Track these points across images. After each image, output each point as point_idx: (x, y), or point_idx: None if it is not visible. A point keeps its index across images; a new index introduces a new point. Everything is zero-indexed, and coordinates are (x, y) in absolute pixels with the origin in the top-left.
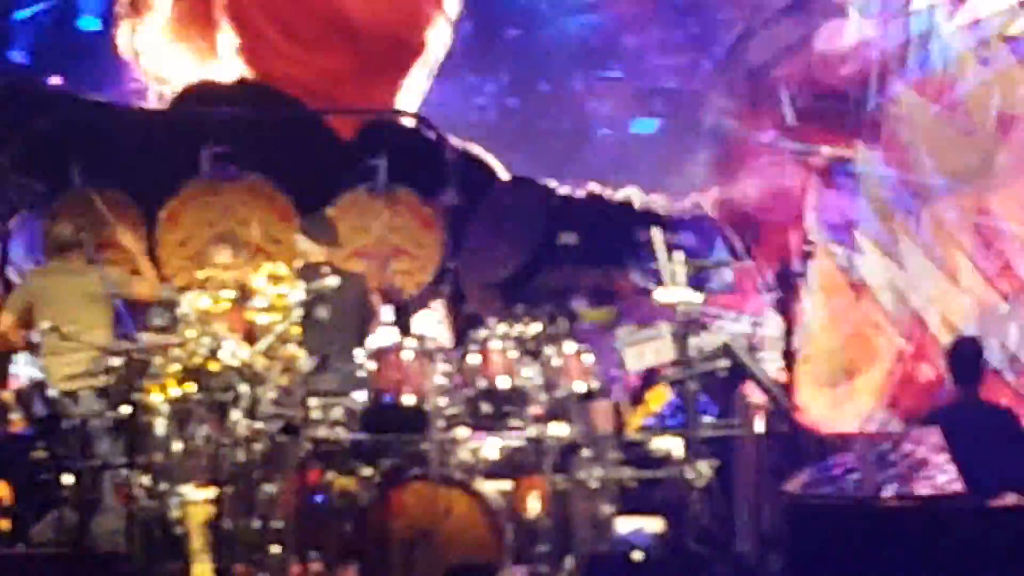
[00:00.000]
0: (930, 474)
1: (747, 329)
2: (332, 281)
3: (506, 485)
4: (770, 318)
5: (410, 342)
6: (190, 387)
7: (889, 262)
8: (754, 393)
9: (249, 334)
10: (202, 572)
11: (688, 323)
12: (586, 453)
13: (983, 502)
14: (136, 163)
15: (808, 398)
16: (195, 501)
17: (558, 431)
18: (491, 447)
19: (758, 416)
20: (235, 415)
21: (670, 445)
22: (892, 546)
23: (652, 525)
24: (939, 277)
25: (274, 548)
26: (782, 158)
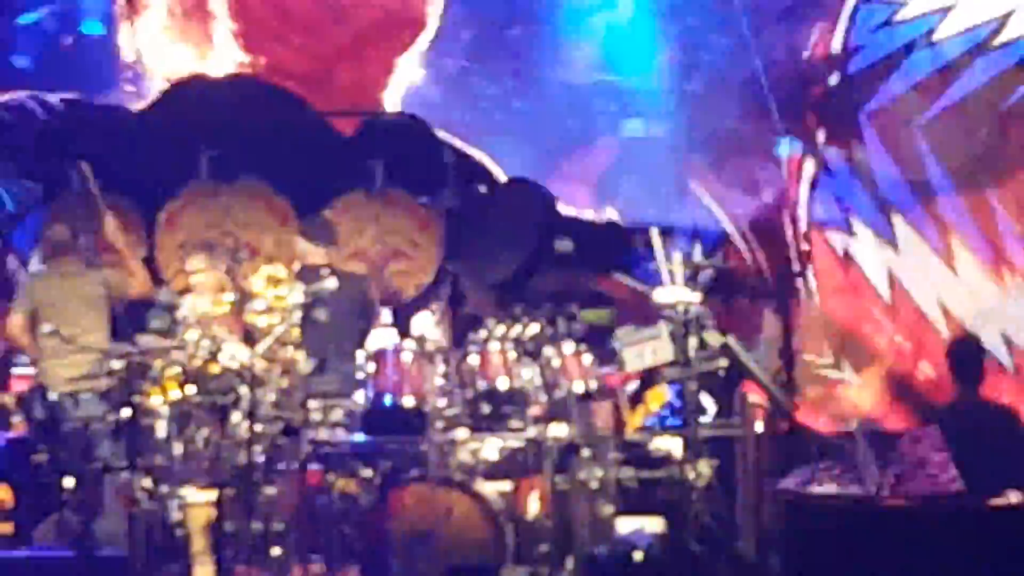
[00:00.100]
0: (930, 473)
1: None
2: (331, 283)
3: (506, 486)
4: (768, 317)
5: (409, 344)
6: (190, 390)
7: (888, 258)
8: (753, 392)
9: (248, 336)
10: (203, 574)
11: (687, 323)
12: (586, 453)
13: (983, 501)
14: (135, 166)
15: (807, 397)
16: (196, 503)
17: (558, 432)
18: (491, 448)
19: (757, 415)
20: (235, 417)
21: (670, 445)
22: (892, 545)
23: (652, 525)
24: (938, 272)
25: (275, 550)
26: (779, 159)
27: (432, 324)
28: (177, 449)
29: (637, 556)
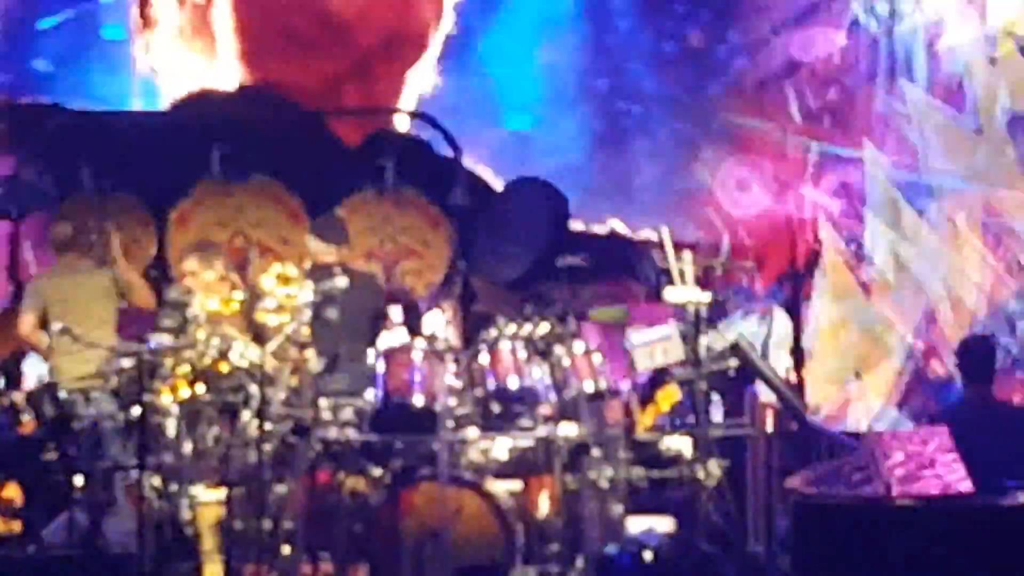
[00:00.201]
0: (940, 473)
1: (755, 328)
2: (341, 282)
3: (516, 485)
4: (779, 317)
5: (420, 342)
6: (200, 388)
7: (898, 257)
8: (764, 392)
9: (259, 335)
10: (213, 573)
11: (697, 322)
12: (596, 453)
13: (993, 501)
14: (147, 166)
15: (818, 397)
16: (206, 502)
17: (568, 431)
18: (501, 447)
19: (768, 415)
20: (245, 416)
21: (680, 445)
22: (902, 545)
23: (662, 525)
24: (949, 272)
25: (285, 549)
26: (791, 158)
27: (443, 323)
28: (187, 448)
29: (647, 556)
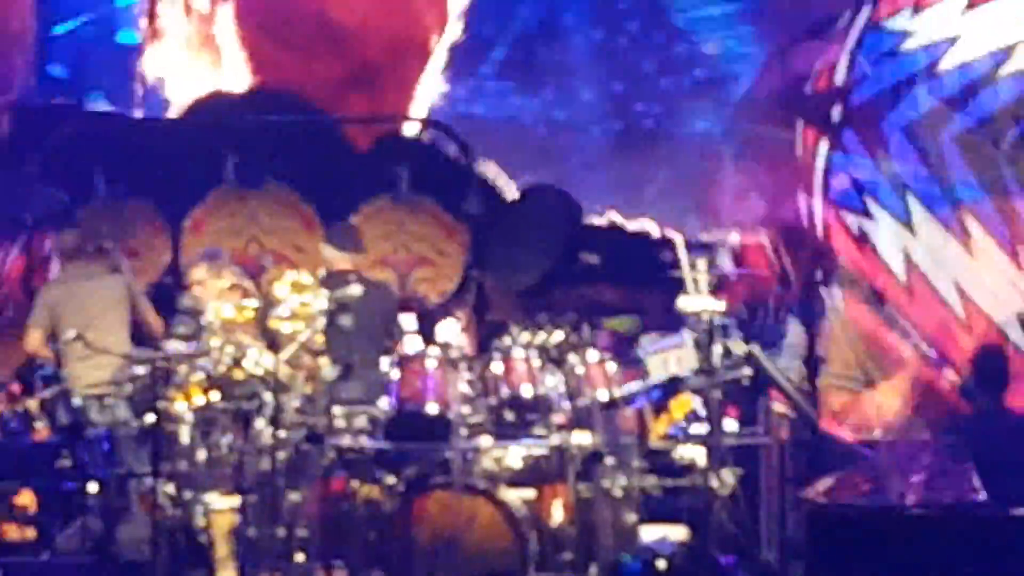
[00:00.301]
0: (953, 482)
1: None
2: (355, 289)
3: (530, 493)
4: (793, 326)
5: (434, 350)
6: (214, 396)
7: (913, 265)
8: (777, 401)
9: (273, 343)
10: None
11: (711, 331)
12: (610, 461)
13: (1006, 510)
14: (161, 173)
15: (831, 406)
16: (220, 509)
17: (581, 439)
18: (514, 455)
19: (781, 424)
20: (259, 424)
21: (694, 453)
22: (915, 554)
23: (676, 533)
24: (964, 281)
25: (298, 556)
26: (806, 166)
27: (457, 331)
28: (201, 455)
29: (660, 564)
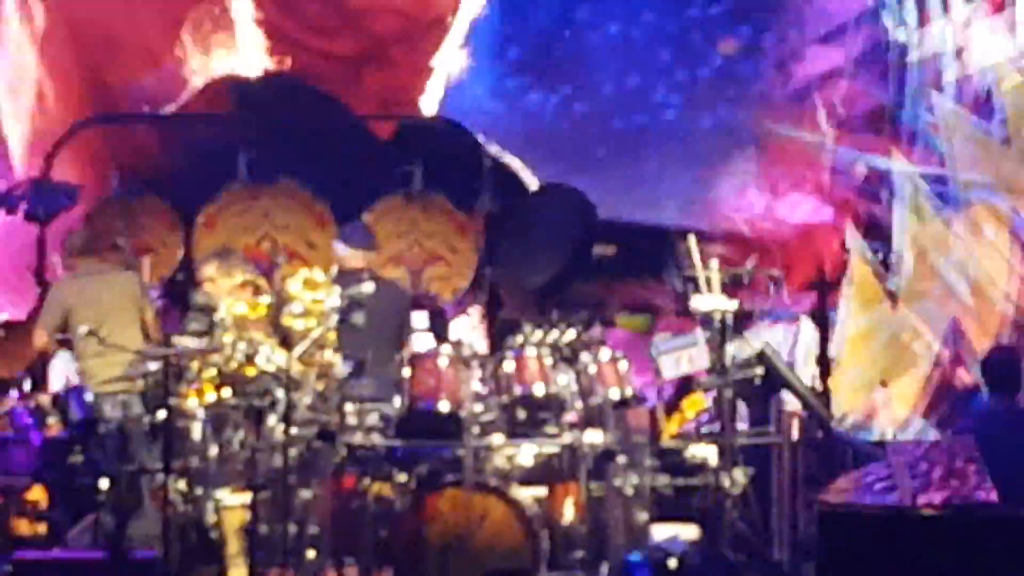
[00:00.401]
0: (965, 482)
1: (780, 338)
2: (368, 287)
3: (541, 492)
4: (806, 326)
5: (446, 348)
6: (226, 392)
7: (925, 265)
8: (789, 401)
9: (285, 340)
10: None
11: (723, 330)
12: (621, 460)
13: (1018, 511)
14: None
15: (844, 405)
16: (231, 506)
17: (593, 438)
18: (526, 454)
19: (794, 424)
20: (271, 420)
21: (705, 452)
22: (926, 555)
23: (687, 532)
24: (976, 281)
25: (309, 553)
26: (819, 166)
27: (471, 328)
28: (213, 451)
29: (672, 563)
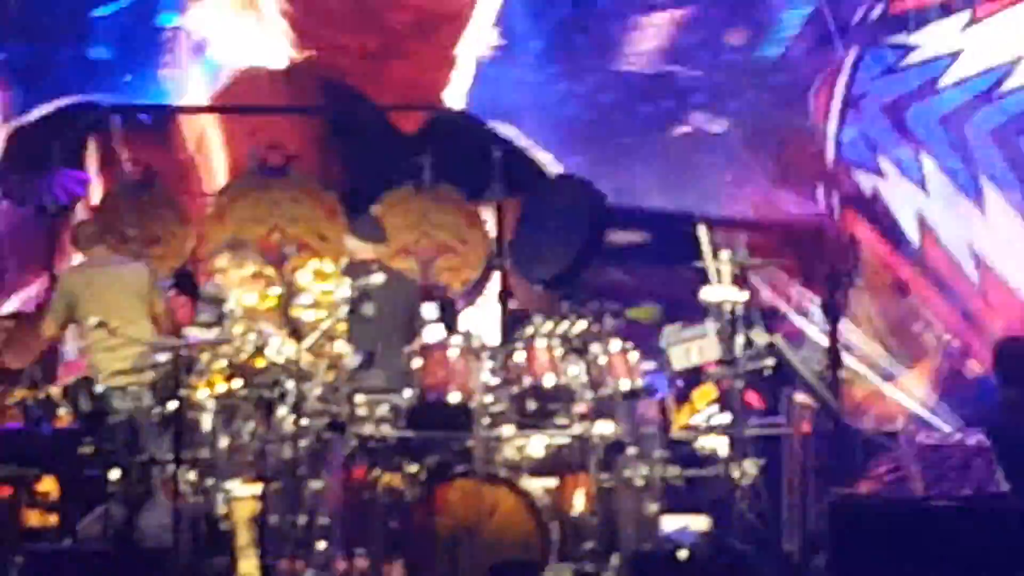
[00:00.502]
0: (976, 474)
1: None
2: (378, 278)
3: (551, 483)
4: (816, 316)
5: (456, 339)
6: (237, 383)
7: (938, 256)
8: (800, 391)
9: (295, 331)
10: (248, 568)
11: (733, 321)
12: (632, 451)
13: None
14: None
15: (855, 396)
16: (241, 497)
17: (604, 429)
18: (536, 445)
19: (804, 415)
20: (281, 411)
21: (716, 443)
22: (937, 546)
23: (697, 523)
24: (990, 271)
25: (320, 544)
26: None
27: (481, 319)
28: (223, 442)
29: (682, 554)
